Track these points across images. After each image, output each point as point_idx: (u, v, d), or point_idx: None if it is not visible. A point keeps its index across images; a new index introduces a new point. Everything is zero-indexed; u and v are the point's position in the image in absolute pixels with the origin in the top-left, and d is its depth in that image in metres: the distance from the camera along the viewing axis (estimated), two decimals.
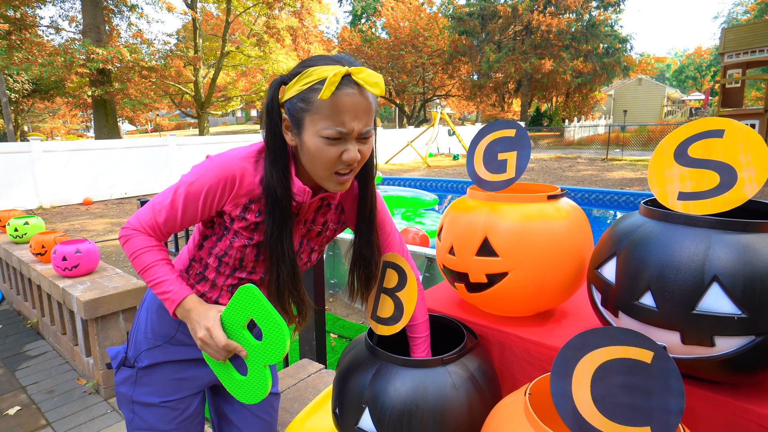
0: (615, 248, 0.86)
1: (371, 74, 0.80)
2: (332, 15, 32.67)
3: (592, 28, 24.15)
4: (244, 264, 0.98)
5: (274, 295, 0.95)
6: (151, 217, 0.93)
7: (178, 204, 0.91)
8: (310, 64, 0.82)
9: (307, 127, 0.82)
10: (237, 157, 0.89)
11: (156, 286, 0.93)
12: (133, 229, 0.94)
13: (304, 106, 0.81)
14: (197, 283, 1.04)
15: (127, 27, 17.56)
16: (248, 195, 0.91)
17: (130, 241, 0.94)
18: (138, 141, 10.20)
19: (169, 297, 0.92)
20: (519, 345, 1.06)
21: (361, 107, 0.81)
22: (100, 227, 6.86)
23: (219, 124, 45.74)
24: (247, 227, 0.93)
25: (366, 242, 1.02)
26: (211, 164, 0.89)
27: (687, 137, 0.82)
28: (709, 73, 43.97)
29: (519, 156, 1.05)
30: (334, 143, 0.82)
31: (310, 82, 0.80)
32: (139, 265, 0.93)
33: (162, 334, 1.06)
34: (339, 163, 0.84)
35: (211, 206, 0.91)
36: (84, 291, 2.35)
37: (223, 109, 23.80)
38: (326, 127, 0.80)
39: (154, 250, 0.94)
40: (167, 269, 0.94)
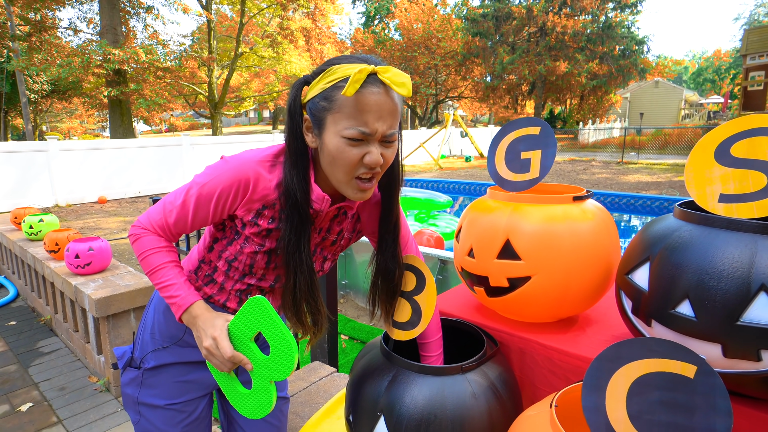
0: (648, 253, 0.81)
1: (398, 74, 0.76)
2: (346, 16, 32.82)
3: (608, 30, 23.83)
4: (253, 270, 0.96)
5: (290, 305, 0.92)
6: (161, 217, 0.90)
7: (189, 205, 0.88)
8: (335, 62, 0.79)
9: (328, 126, 0.78)
10: (252, 160, 0.86)
11: (163, 290, 0.90)
12: (143, 228, 0.91)
13: (327, 104, 0.78)
14: (205, 285, 1.01)
15: (143, 28, 17.82)
16: (262, 200, 0.87)
17: (139, 241, 0.91)
18: (152, 141, 10.31)
19: (176, 302, 0.89)
20: (541, 353, 1.01)
21: (386, 107, 0.78)
22: (114, 225, 6.94)
23: (232, 124, 46.19)
24: (258, 233, 0.90)
25: (391, 256, 0.97)
26: (225, 166, 0.86)
27: (729, 135, 0.76)
28: (728, 76, 43.13)
29: (544, 155, 1.01)
30: (356, 144, 0.78)
31: (333, 80, 0.77)
32: (148, 266, 0.91)
33: (169, 335, 1.04)
34: (360, 166, 0.80)
35: (223, 209, 0.88)
36: (96, 289, 2.35)
37: (236, 110, 23.98)
38: (348, 126, 0.76)
39: (164, 252, 0.91)
40: (176, 272, 0.91)
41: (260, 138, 12.75)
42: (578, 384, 0.80)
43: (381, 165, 0.81)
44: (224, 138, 11.81)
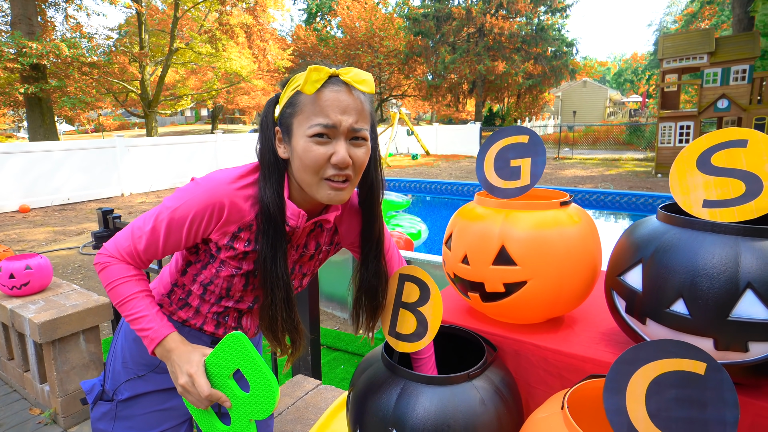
0: (640, 255, 0.86)
1: (359, 72, 0.78)
2: (287, 12, 32.10)
3: (541, 32, 25.16)
4: (231, 293, 0.92)
5: (267, 324, 0.89)
6: (129, 243, 0.85)
7: (159, 230, 0.83)
8: (298, 71, 0.81)
9: (295, 131, 0.79)
10: (225, 181, 0.83)
11: (134, 322, 0.85)
12: (110, 256, 0.86)
13: (291, 110, 0.79)
14: (180, 309, 0.96)
15: (64, 19, 16.35)
16: (238, 222, 0.84)
17: (106, 270, 0.86)
18: (82, 143, 9.51)
19: (148, 335, 0.84)
20: (536, 353, 1.05)
21: (350, 104, 0.78)
22: (41, 237, 6.33)
23: (167, 123, 43.67)
24: (235, 256, 0.87)
25: (374, 273, 0.97)
26: (197, 189, 0.82)
27: (709, 146, 0.84)
28: (644, 77, 47.06)
29: (533, 162, 1.04)
30: (322, 142, 0.77)
31: (296, 86, 0.78)
32: (117, 296, 0.85)
33: (144, 362, 0.98)
34: (328, 166, 0.78)
35: (197, 234, 0.85)
36: (38, 311, 2.13)
37: (172, 109, 22.68)
38: (311, 123, 0.76)
39: (133, 281, 0.85)
40: (147, 303, 0.86)
41: (203, 138, 12.17)
42: (583, 383, 0.84)
43: (351, 166, 0.80)
44: (163, 139, 11.14)
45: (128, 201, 9.34)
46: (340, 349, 2.92)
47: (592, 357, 0.97)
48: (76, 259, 5.09)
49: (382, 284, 0.99)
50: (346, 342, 2.97)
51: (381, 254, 0.97)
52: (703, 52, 10.84)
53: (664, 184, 9.87)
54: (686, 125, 11.25)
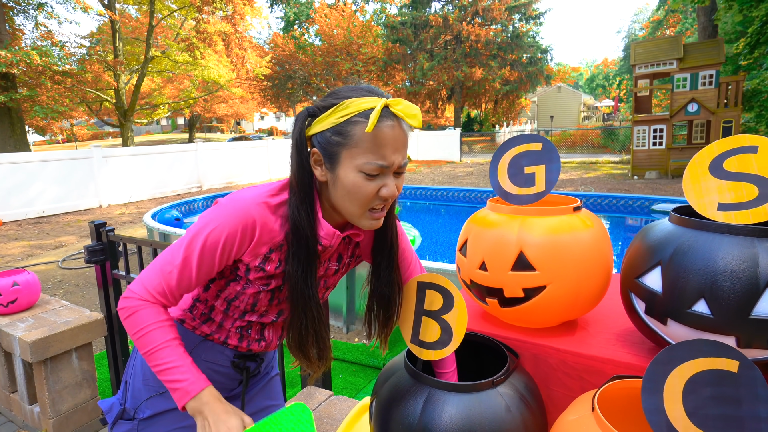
0: (658, 258, 0.89)
1: (409, 106, 0.78)
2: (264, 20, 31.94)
3: (516, 39, 25.73)
4: (256, 308, 0.92)
5: (296, 342, 0.89)
6: (160, 281, 0.81)
7: (192, 260, 0.80)
8: (345, 96, 0.78)
9: (343, 161, 0.77)
10: (253, 201, 0.81)
11: (165, 372, 0.79)
12: (139, 300, 0.81)
13: (341, 140, 0.77)
14: (203, 324, 0.95)
15: (34, 27, 15.89)
16: (269, 243, 0.82)
17: (135, 316, 0.80)
18: (57, 153, 9.22)
19: (182, 386, 0.78)
20: (555, 356, 1.07)
21: (401, 140, 0.79)
22: (16, 251, 6.10)
23: (143, 132, 42.80)
24: (263, 277, 0.86)
25: (386, 282, 0.97)
26: (226, 210, 0.80)
27: (721, 152, 0.87)
28: (615, 82, 48.58)
29: (548, 169, 1.07)
30: (372, 178, 0.78)
31: (347, 114, 0.76)
32: (146, 344, 0.80)
33: None
34: (376, 199, 0.80)
35: (229, 257, 0.82)
36: (27, 330, 2.05)
37: (148, 118, 22.26)
38: (367, 161, 0.77)
39: (165, 327, 0.81)
40: (180, 352, 0.81)
41: (183, 147, 11.96)
42: (609, 384, 0.86)
43: (395, 197, 0.83)
44: (142, 148, 10.90)
45: (107, 212, 9.09)
46: (337, 358, 2.90)
47: (612, 358, 0.99)
48: (56, 274, 4.92)
49: (395, 294, 0.99)
50: (343, 351, 2.95)
51: (392, 264, 0.96)
52: (673, 58, 11.27)
53: (641, 185, 10.18)
54: (659, 128, 11.65)
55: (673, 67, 11.32)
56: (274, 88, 29.21)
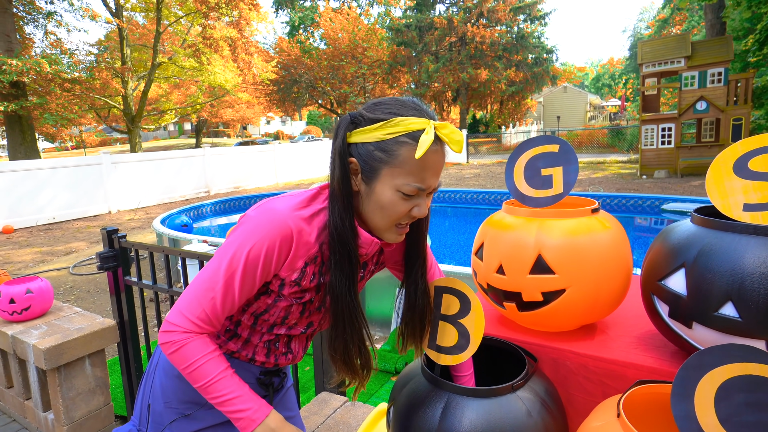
0: (681, 260, 0.87)
1: (454, 131, 0.76)
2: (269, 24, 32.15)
3: (521, 40, 25.66)
4: (286, 321, 0.89)
5: (341, 354, 0.87)
6: (202, 309, 0.77)
7: (234, 281, 0.76)
8: (394, 112, 0.76)
9: (383, 178, 0.77)
10: (288, 211, 0.78)
11: (225, 404, 0.76)
12: (184, 332, 0.76)
13: (385, 157, 0.76)
14: (228, 341, 0.91)
15: (44, 36, 16.11)
16: (305, 256, 0.80)
17: (183, 350, 0.76)
18: (66, 160, 9.33)
19: (246, 416, 0.76)
20: (575, 361, 1.05)
21: (441, 164, 0.79)
22: (28, 258, 6.16)
23: (150, 138, 43.20)
24: (297, 291, 0.84)
25: (422, 291, 0.96)
26: (260, 223, 0.76)
27: (745, 152, 0.85)
28: (622, 81, 48.25)
29: (565, 171, 1.05)
30: (408, 198, 0.78)
31: (395, 133, 0.75)
32: (200, 378, 0.76)
33: (189, 400, 0.92)
34: (406, 217, 0.81)
35: (268, 273, 0.79)
36: (41, 337, 2.06)
37: (155, 123, 22.46)
38: (407, 183, 0.76)
39: (216, 357, 0.78)
40: (236, 381, 0.78)
41: (191, 153, 12.05)
42: (633, 390, 0.84)
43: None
44: (151, 154, 11.00)
45: (116, 218, 9.17)
46: None
47: (634, 362, 0.97)
48: (67, 280, 4.96)
49: (429, 302, 0.99)
50: None
51: (425, 274, 0.96)
52: (680, 56, 11.17)
53: (650, 185, 10.08)
54: (668, 127, 11.54)
55: (681, 65, 11.21)
56: (280, 93, 29.36)
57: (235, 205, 9.88)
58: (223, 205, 9.70)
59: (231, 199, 9.95)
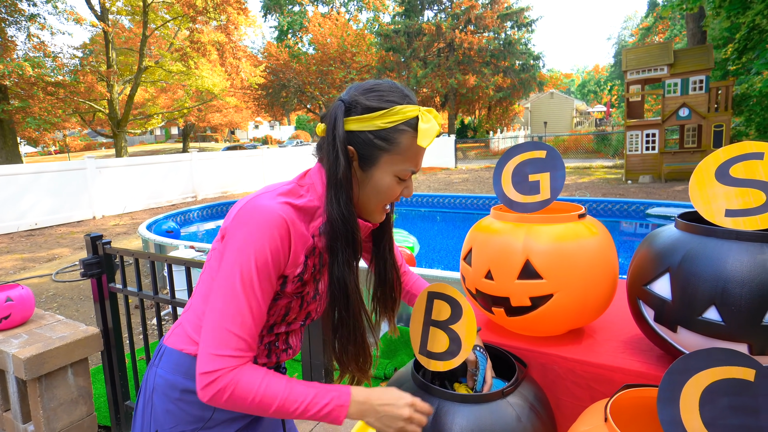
0: (666, 265, 0.89)
1: (437, 116, 0.81)
2: (258, 29, 32.05)
3: (508, 46, 25.97)
4: (287, 319, 0.88)
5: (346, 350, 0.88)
6: (236, 336, 0.71)
7: (255, 293, 0.73)
8: (392, 100, 0.78)
9: (381, 165, 0.80)
10: (277, 204, 0.75)
11: (308, 410, 0.73)
12: (229, 372, 0.70)
13: (385, 145, 0.78)
14: None
15: (26, 38, 15.84)
16: (303, 249, 0.78)
17: (237, 390, 0.70)
18: (50, 165, 9.15)
19: (333, 406, 0.74)
20: (563, 365, 1.06)
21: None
22: (8, 264, 6.02)
23: (136, 143, 42.64)
24: (299, 286, 0.83)
25: (391, 265, 0.99)
26: (253, 223, 0.73)
27: (726, 159, 0.87)
28: (607, 88, 49.11)
29: (552, 177, 1.06)
30: (402, 182, 0.83)
31: (395, 121, 0.77)
32: (270, 404, 0.72)
33: (191, 419, 0.86)
34: (395, 198, 0.85)
35: (279, 271, 0.77)
36: (21, 346, 2.01)
37: (142, 128, 22.19)
38: (405, 168, 0.81)
39: (271, 379, 0.73)
40: (302, 382, 0.76)
41: (178, 157, 11.91)
42: (620, 394, 0.85)
43: None
44: (137, 159, 10.84)
45: (101, 224, 9.01)
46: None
47: (621, 366, 0.98)
48: (50, 287, 4.86)
49: (398, 276, 1.01)
50: None
51: (392, 247, 0.98)
52: (663, 64, 11.41)
53: (635, 190, 10.25)
54: (651, 133, 11.76)
55: (664, 72, 11.46)
56: (269, 97, 29.27)
57: (222, 210, 9.79)
58: (211, 210, 9.61)
59: (218, 204, 9.86)
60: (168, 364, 0.83)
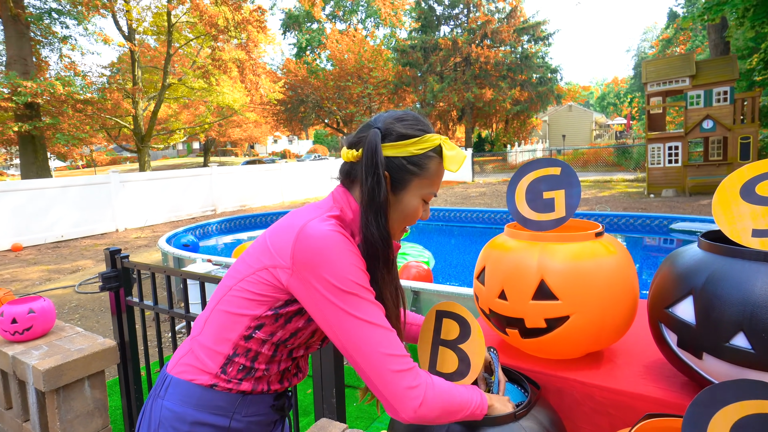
0: (689, 287, 0.85)
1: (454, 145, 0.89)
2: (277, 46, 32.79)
3: (525, 60, 25.95)
4: (310, 341, 0.88)
5: None
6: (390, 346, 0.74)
7: (370, 303, 0.76)
8: (422, 129, 0.85)
9: (412, 189, 0.85)
10: (327, 223, 0.78)
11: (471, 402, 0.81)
12: (418, 384, 0.74)
13: (417, 170, 0.84)
14: (241, 382, 0.82)
15: (58, 59, 16.55)
16: (362, 259, 0.82)
17: (429, 394, 0.74)
18: (76, 179, 9.45)
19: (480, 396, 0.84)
20: (581, 390, 1.01)
21: None
22: (35, 276, 6.19)
23: (159, 157, 43.83)
24: None
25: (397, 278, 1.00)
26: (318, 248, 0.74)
27: (752, 177, 0.83)
28: (627, 100, 48.45)
29: (568, 194, 1.04)
30: (424, 204, 0.89)
31: (425, 148, 0.83)
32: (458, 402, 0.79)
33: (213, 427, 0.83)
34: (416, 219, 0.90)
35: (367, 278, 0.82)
36: (41, 357, 2.05)
37: (165, 143, 22.81)
38: (430, 191, 0.87)
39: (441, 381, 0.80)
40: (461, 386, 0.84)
41: (198, 172, 12.17)
42: (644, 423, 0.80)
43: None
44: (158, 173, 11.11)
45: (123, 236, 9.22)
46: (350, 385, 2.83)
47: (642, 393, 0.94)
48: (72, 299, 4.97)
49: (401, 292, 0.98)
50: (356, 378, 2.89)
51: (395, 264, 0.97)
52: (685, 76, 11.21)
53: (658, 204, 10.00)
54: (674, 146, 11.50)
55: (686, 84, 11.24)
56: (287, 112, 29.78)
57: (241, 224, 9.91)
58: (229, 223, 9.73)
59: (237, 218, 9.99)
60: (175, 396, 0.80)
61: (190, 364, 0.82)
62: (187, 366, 0.82)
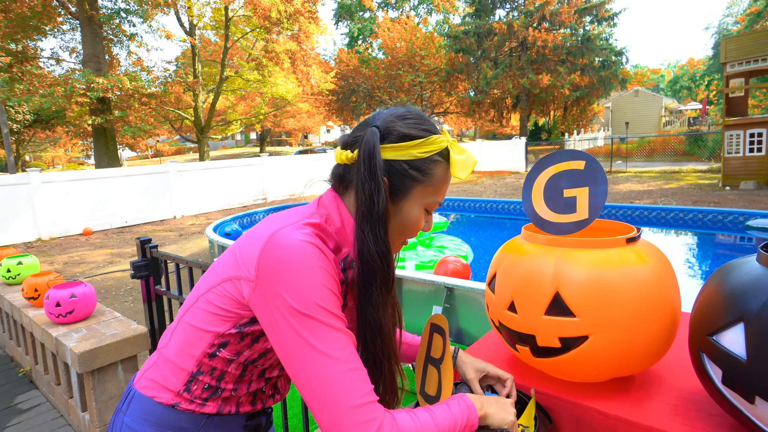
0: (740, 312, 0.68)
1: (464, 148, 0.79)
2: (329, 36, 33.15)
3: (587, 42, 24.36)
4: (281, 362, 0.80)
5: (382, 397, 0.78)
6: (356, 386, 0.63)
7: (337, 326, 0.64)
8: (428, 129, 0.74)
9: (413, 197, 0.75)
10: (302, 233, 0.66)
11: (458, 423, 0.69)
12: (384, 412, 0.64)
13: (420, 176, 0.73)
14: (208, 400, 0.74)
15: (127, 55, 17.71)
16: (336, 279, 0.69)
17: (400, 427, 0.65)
18: (138, 169, 10.11)
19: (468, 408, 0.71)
20: (602, 423, 0.86)
21: None
22: (99, 258, 6.68)
23: (219, 147, 46.04)
24: None
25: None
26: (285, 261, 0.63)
27: None
28: (703, 83, 44.29)
29: (592, 192, 0.88)
30: (428, 215, 0.79)
31: (430, 151, 0.73)
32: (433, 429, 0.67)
33: None
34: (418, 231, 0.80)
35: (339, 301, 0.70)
36: (79, 340, 2.15)
37: (222, 133, 23.87)
38: (434, 200, 0.77)
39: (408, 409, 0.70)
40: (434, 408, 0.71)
41: (249, 161, 12.61)
42: None
43: None
44: (213, 163, 11.65)
45: (179, 223, 9.76)
46: None
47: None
48: (129, 282, 5.29)
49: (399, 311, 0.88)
50: None
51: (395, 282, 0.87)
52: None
53: (734, 197, 9.05)
54: (757, 132, 10.33)
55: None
56: (339, 102, 30.08)
57: None
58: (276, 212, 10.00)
59: (284, 207, 10.24)
60: (136, 412, 0.75)
61: (153, 379, 0.76)
62: (149, 381, 0.76)
